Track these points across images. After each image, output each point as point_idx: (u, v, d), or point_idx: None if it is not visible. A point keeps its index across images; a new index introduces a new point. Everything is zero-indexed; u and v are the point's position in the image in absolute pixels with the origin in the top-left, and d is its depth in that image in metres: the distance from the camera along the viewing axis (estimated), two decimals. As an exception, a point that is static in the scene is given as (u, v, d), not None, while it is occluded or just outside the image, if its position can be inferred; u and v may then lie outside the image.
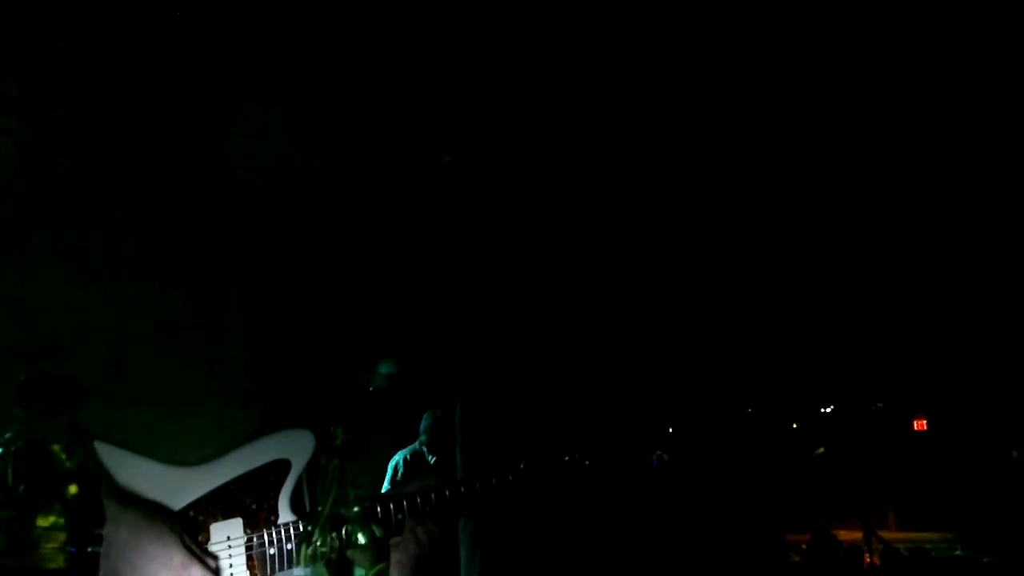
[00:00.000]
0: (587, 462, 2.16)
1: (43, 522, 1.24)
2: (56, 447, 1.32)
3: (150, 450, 1.46)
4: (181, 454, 1.52)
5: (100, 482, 1.31)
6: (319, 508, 1.68)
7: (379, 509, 1.63)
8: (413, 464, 5.23)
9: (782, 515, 7.89)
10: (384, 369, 8.31)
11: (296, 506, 1.54)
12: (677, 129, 5.37)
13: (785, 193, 6.21)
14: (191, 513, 1.47)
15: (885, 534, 8.17)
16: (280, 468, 1.51)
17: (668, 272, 7.44)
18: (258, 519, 1.49)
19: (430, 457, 5.22)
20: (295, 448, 1.55)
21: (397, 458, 5.40)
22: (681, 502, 7.44)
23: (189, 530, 1.46)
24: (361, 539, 1.70)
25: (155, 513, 1.43)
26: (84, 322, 1.51)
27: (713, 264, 7.37)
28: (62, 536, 1.24)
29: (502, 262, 7.06)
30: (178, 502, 1.46)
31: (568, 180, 5.83)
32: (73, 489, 1.30)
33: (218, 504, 1.47)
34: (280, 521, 1.53)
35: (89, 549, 1.28)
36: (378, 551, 1.70)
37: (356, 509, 1.85)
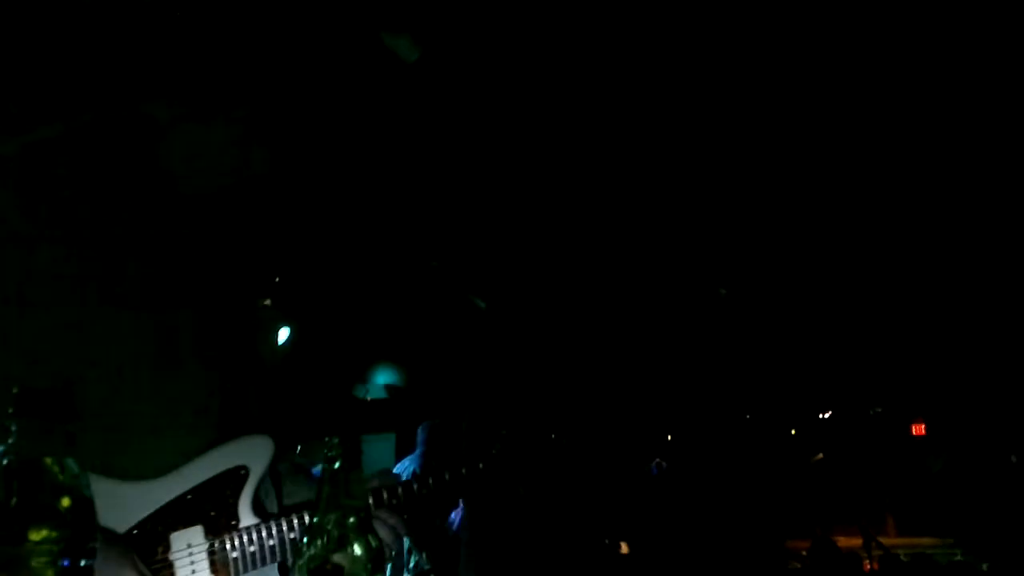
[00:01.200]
0: (554, 437, 2.12)
1: (35, 536, 1.23)
2: (49, 460, 1.32)
3: (107, 470, 1.47)
4: (142, 471, 1.52)
5: (92, 495, 1.31)
6: (313, 519, 1.68)
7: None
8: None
9: (782, 521, 7.88)
10: (382, 380, 8.32)
11: (258, 510, 1.54)
12: (674, 137, 5.38)
13: (781, 204, 6.22)
14: (149, 525, 1.47)
15: (885, 540, 8.15)
16: (237, 474, 1.54)
17: (666, 280, 7.44)
18: (219, 525, 1.51)
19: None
20: (252, 454, 1.58)
21: (408, 468, 5.35)
22: (681, 509, 7.44)
23: (147, 543, 1.46)
24: (358, 550, 1.69)
25: (106, 536, 1.44)
26: (36, 350, 1.51)
27: (711, 272, 7.38)
28: (55, 549, 1.23)
29: (501, 270, 7.06)
30: (135, 517, 1.46)
31: (565, 189, 5.83)
32: (66, 502, 1.29)
33: (176, 514, 1.48)
34: (241, 526, 1.54)
35: (82, 563, 1.28)
36: (375, 561, 1.69)
37: (352, 519, 1.85)
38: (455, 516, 4.49)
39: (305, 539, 1.95)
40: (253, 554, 1.53)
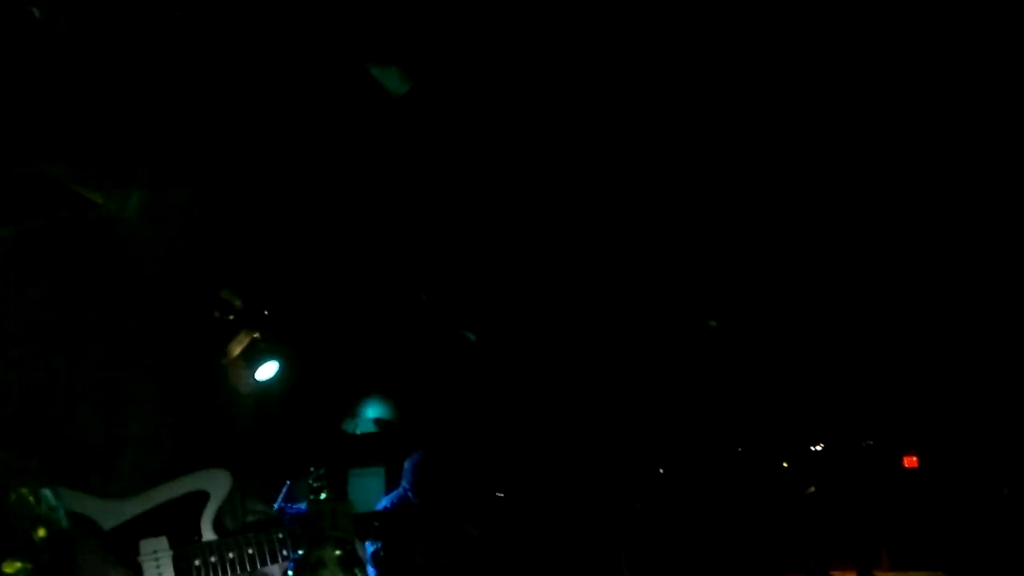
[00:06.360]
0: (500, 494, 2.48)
1: (9, 568, 1.19)
2: (24, 490, 1.28)
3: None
4: (106, 488, 1.75)
5: (70, 526, 1.28)
6: (298, 551, 1.68)
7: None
8: (399, 509, 5.20)
9: (776, 555, 7.82)
10: (371, 414, 8.27)
11: (219, 528, 1.79)
12: (659, 172, 5.39)
13: (771, 237, 6.22)
14: (120, 533, 1.71)
15: (879, 573, 8.09)
16: (198, 498, 1.87)
17: (657, 314, 7.43)
18: (182, 538, 1.80)
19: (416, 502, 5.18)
20: (213, 482, 1.93)
21: (384, 503, 5.37)
22: (673, 543, 7.38)
23: (118, 547, 1.71)
24: (342, 582, 1.67)
25: (85, 531, 1.66)
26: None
27: (701, 304, 7.37)
28: (29, 583, 1.19)
29: (491, 303, 7.05)
30: (107, 525, 1.70)
31: (551, 223, 5.84)
32: (42, 533, 1.25)
33: (144, 525, 1.77)
34: (204, 540, 1.79)
35: (58, 594, 1.25)
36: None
37: (338, 552, 1.84)
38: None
39: (291, 572, 1.94)
40: (214, 564, 1.77)
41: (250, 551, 1.78)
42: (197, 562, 1.76)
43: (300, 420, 5.69)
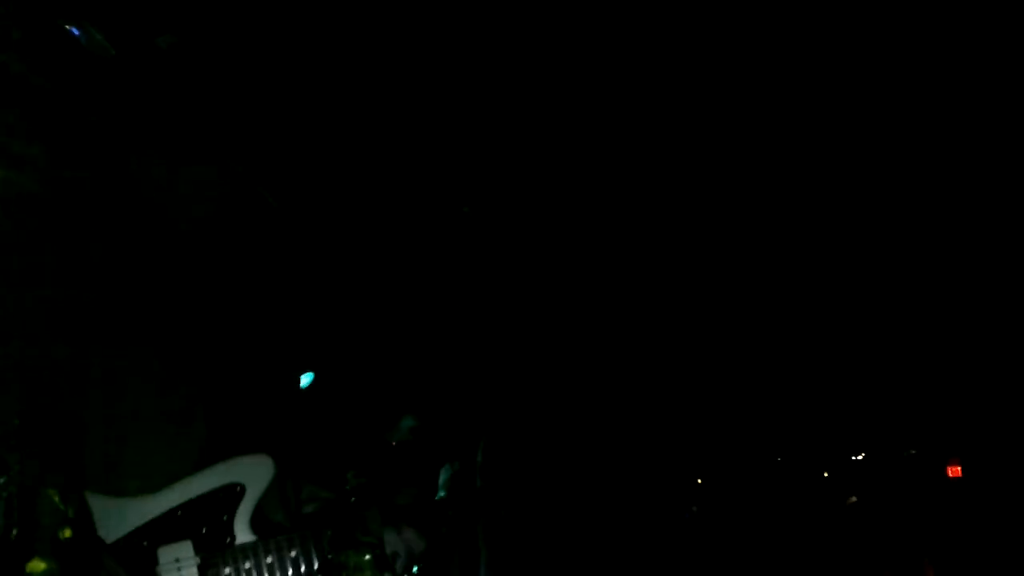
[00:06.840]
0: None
1: (34, 568, 1.20)
2: (52, 491, 1.28)
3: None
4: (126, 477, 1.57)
5: (95, 527, 1.28)
6: (328, 555, 1.66)
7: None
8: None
9: (815, 566, 7.72)
10: (407, 424, 8.27)
11: (258, 527, 1.55)
12: (687, 188, 5.37)
13: (809, 242, 6.17)
14: (135, 539, 1.50)
15: (923, 586, 7.96)
16: (232, 492, 1.57)
17: (691, 319, 7.38)
18: (211, 541, 1.54)
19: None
20: (250, 473, 1.60)
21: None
22: (712, 555, 7.31)
23: (132, 557, 1.50)
24: (372, 586, 1.66)
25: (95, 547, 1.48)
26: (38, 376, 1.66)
27: (738, 311, 7.31)
28: (55, 583, 1.19)
29: (523, 311, 7.03)
30: (122, 530, 1.50)
31: (581, 234, 5.82)
32: (67, 533, 1.25)
33: (165, 529, 1.53)
34: (237, 543, 1.55)
35: (84, 596, 1.24)
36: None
37: (368, 557, 1.83)
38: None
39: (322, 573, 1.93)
40: (248, 571, 1.54)
41: (293, 553, 1.56)
42: (228, 570, 1.56)
43: (338, 430, 5.70)
